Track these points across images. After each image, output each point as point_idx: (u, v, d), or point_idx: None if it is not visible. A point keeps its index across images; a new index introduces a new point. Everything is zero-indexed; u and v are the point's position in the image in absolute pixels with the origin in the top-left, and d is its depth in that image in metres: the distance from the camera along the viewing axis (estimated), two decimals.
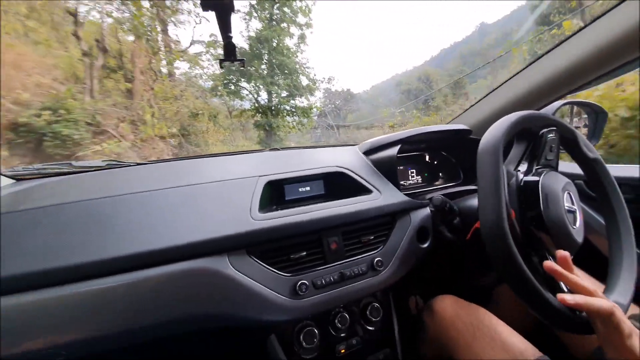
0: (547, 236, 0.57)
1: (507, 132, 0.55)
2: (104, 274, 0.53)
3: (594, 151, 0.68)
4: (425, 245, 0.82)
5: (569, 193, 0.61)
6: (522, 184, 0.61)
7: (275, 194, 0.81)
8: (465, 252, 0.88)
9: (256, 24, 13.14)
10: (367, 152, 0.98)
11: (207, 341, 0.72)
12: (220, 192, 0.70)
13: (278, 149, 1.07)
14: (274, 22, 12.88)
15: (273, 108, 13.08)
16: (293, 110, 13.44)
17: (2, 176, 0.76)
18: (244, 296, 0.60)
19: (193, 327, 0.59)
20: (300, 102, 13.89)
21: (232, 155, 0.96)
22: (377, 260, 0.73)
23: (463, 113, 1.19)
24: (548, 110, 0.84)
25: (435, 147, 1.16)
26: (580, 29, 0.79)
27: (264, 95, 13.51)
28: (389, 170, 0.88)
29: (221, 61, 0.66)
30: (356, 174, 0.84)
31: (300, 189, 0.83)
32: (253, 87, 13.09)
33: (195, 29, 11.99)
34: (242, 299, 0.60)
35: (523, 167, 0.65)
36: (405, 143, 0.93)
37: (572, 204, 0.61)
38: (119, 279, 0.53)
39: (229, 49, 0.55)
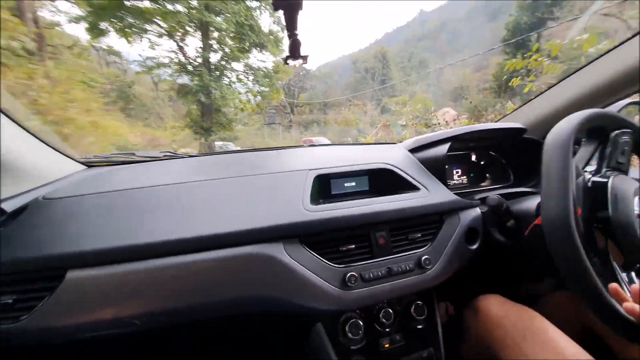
0: (611, 241, 0.55)
1: (580, 126, 0.54)
2: (170, 253, 0.56)
3: None
4: (474, 246, 0.80)
5: None
6: (589, 183, 0.59)
7: (322, 187, 0.80)
8: (517, 255, 0.83)
9: None
10: (414, 150, 0.95)
11: (255, 326, 0.83)
12: (274, 183, 0.73)
13: (315, 145, 1.11)
14: None
15: (213, 66, 7.57)
16: (248, 71, 8.13)
17: (74, 161, 0.84)
18: (297, 283, 0.62)
19: (246, 310, 0.62)
20: (260, 60, 8.55)
21: (276, 150, 1.02)
22: (424, 259, 0.71)
23: (514, 111, 1.11)
24: (612, 109, 0.81)
25: (483, 146, 1.07)
26: None
27: (195, 42, 7.66)
28: (437, 169, 0.86)
29: (286, 58, 0.64)
30: (403, 171, 0.83)
31: (345, 184, 0.84)
32: (173, 21, 7.14)
33: None
34: (295, 286, 0.62)
35: (591, 167, 0.64)
36: (455, 141, 0.89)
37: None
38: (183, 259, 0.57)
39: (295, 46, 0.54)
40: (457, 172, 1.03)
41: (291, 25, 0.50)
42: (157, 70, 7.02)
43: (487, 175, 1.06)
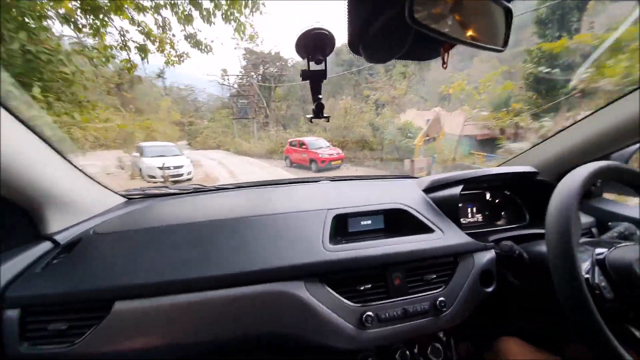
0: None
1: (589, 180, 0.54)
2: (203, 288, 0.63)
3: None
4: (490, 289, 0.81)
5: None
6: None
7: (340, 225, 0.85)
8: (534, 299, 0.81)
9: None
10: (428, 190, 0.99)
11: None
12: (295, 222, 0.80)
13: (333, 180, 1.21)
14: None
15: None
16: None
17: (115, 194, 0.93)
18: (316, 321, 0.65)
19: (266, 344, 0.66)
20: None
21: (295, 184, 1.15)
22: (440, 301, 0.73)
23: (527, 151, 1.15)
24: (623, 155, 0.83)
25: (498, 186, 1.10)
26: None
27: None
28: (450, 210, 0.89)
29: (311, 118, 0.68)
30: (418, 212, 0.86)
31: (362, 222, 0.88)
32: None
33: None
34: (314, 323, 0.65)
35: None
36: (468, 183, 0.93)
37: None
38: (214, 294, 0.62)
39: (319, 108, 0.61)
40: (471, 210, 1.04)
41: (316, 92, 0.56)
42: None
43: (503, 214, 1.06)
